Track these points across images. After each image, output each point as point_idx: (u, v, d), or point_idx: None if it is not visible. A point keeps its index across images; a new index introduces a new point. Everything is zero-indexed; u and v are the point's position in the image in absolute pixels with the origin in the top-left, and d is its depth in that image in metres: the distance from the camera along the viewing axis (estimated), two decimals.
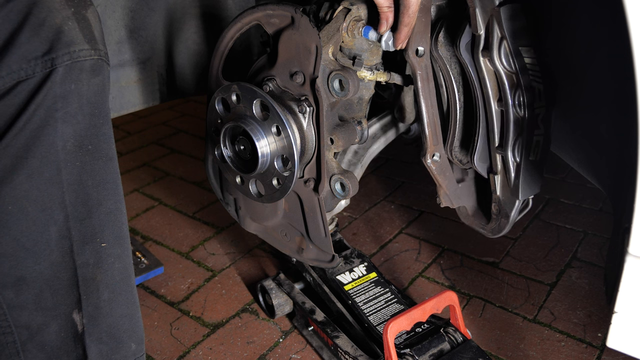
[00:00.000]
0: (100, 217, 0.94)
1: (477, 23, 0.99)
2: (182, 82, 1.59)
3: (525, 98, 1.02)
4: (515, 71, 1.01)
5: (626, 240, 0.76)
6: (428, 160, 1.12)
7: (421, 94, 1.06)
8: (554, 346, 1.43)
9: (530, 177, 1.10)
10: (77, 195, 0.91)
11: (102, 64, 0.91)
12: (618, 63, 0.79)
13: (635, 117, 0.70)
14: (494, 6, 0.97)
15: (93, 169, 0.92)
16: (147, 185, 2.34)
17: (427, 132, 1.09)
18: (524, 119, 1.04)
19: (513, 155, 1.08)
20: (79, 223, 0.92)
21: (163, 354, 1.46)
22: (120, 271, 0.99)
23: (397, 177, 2.31)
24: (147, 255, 1.80)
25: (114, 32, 1.41)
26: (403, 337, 1.28)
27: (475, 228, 1.29)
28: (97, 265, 0.95)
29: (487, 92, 1.05)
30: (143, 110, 1.56)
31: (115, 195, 0.96)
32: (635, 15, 0.64)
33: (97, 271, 0.95)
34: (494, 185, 1.14)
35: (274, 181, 1.13)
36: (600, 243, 1.83)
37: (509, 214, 1.16)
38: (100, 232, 0.94)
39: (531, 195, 1.13)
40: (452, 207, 1.25)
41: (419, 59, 1.04)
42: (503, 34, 0.98)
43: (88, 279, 0.94)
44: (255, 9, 1.12)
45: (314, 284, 1.52)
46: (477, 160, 1.13)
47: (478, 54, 1.02)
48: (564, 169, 2.26)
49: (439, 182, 1.17)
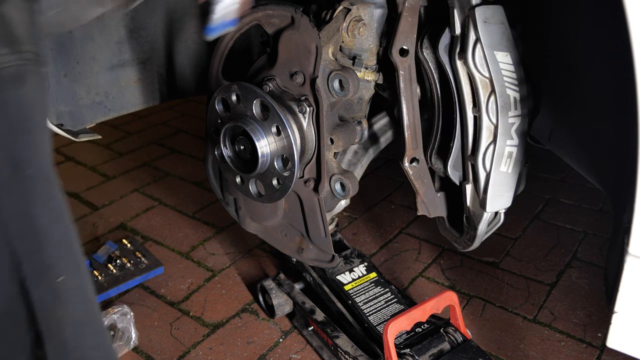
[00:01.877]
0: (52, 249, 0.84)
1: (454, 23, 0.96)
2: (182, 82, 1.59)
3: (497, 105, 0.98)
4: (489, 76, 0.97)
5: (626, 240, 0.76)
6: (405, 164, 1.09)
7: (402, 95, 1.04)
8: (554, 346, 1.43)
9: (499, 189, 1.05)
10: (23, 228, 0.80)
11: (27, 69, 0.78)
12: (618, 63, 0.79)
13: (635, 117, 0.70)
14: (471, 6, 0.93)
15: (36, 196, 0.80)
16: (147, 185, 2.34)
17: (406, 135, 1.06)
18: (496, 127, 1.00)
19: (483, 163, 1.03)
20: (28, 257, 0.81)
21: (163, 354, 1.46)
22: (82, 302, 0.89)
23: (397, 177, 2.31)
24: (147, 255, 1.80)
25: (114, 32, 1.40)
26: (403, 337, 1.28)
27: (450, 240, 1.26)
28: (56, 301, 0.85)
29: (462, 97, 1.02)
30: (143, 110, 1.56)
31: (64, 220, 0.86)
32: (635, 15, 0.64)
33: (57, 307, 0.85)
34: (465, 195, 1.11)
35: (274, 181, 1.13)
36: (600, 243, 1.83)
37: (476, 226, 1.12)
38: (55, 265, 0.84)
39: (500, 208, 1.08)
40: (429, 217, 1.20)
41: (403, 59, 1.02)
42: (477, 36, 0.94)
43: (47, 316, 0.84)
44: (255, 9, 1.12)
45: (314, 284, 1.52)
46: (451, 168, 1.10)
47: (454, 56, 0.99)
48: (564, 169, 2.26)
49: (417, 188, 1.13)
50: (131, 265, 1.75)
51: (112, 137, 2.80)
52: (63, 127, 1.37)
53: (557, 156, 1.21)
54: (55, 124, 1.35)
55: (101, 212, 2.13)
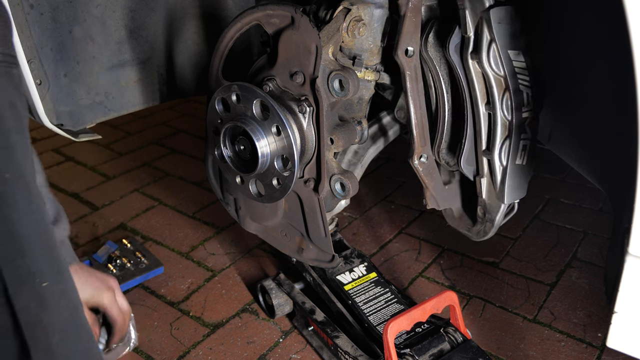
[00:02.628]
0: (34, 255, 0.81)
1: (467, 25, 0.99)
2: (182, 82, 1.59)
3: (513, 102, 1.02)
4: (504, 75, 1.00)
5: (626, 240, 0.76)
6: (415, 161, 1.12)
7: (410, 94, 1.06)
8: (554, 346, 1.43)
9: (516, 181, 1.10)
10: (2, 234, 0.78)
11: None
12: (618, 62, 0.79)
13: (635, 117, 0.70)
14: (484, 8, 0.96)
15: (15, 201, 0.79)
16: (147, 185, 2.34)
17: (415, 133, 1.09)
18: (511, 123, 1.04)
19: (499, 158, 1.07)
20: (10, 264, 0.79)
21: (163, 354, 1.46)
22: (67, 307, 0.88)
23: (397, 177, 2.31)
24: (147, 255, 1.80)
25: (114, 32, 1.41)
26: (403, 337, 1.28)
27: (460, 230, 1.29)
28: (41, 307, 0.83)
29: (475, 95, 1.05)
30: (143, 110, 1.56)
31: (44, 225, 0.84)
32: (635, 15, 0.64)
33: (43, 314, 0.83)
34: (480, 188, 1.14)
35: (274, 181, 1.13)
36: (600, 243, 1.83)
37: (494, 217, 1.16)
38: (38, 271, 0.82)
39: (517, 199, 1.13)
40: (438, 209, 1.24)
41: (408, 59, 1.04)
42: (492, 37, 0.97)
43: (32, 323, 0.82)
44: (255, 9, 1.12)
45: (314, 284, 1.52)
46: (464, 163, 1.13)
47: (467, 56, 1.01)
48: (564, 169, 2.26)
49: (426, 183, 1.16)
50: (131, 265, 1.75)
51: (112, 137, 2.80)
52: (63, 127, 1.37)
53: (557, 156, 1.21)
54: (55, 124, 1.35)
55: (101, 212, 2.13)
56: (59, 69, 1.33)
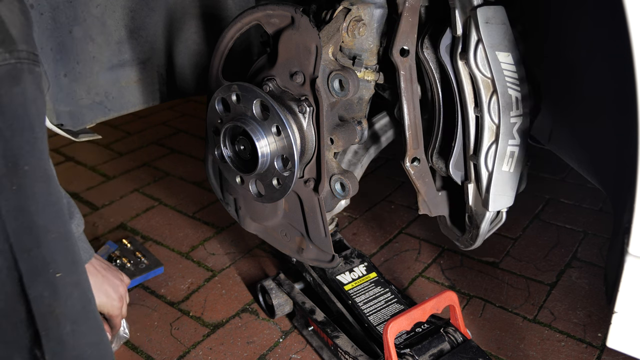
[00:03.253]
0: (50, 245, 0.84)
1: (456, 24, 0.97)
2: (182, 82, 1.59)
3: (499, 105, 0.99)
4: (491, 77, 0.98)
5: (626, 240, 0.76)
6: (407, 164, 1.10)
7: (403, 95, 1.04)
8: (554, 346, 1.43)
9: (502, 189, 1.06)
10: (20, 224, 0.80)
11: (23, 68, 0.79)
12: (618, 63, 0.79)
13: (635, 117, 0.70)
14: (472, 7, 0.94)
15: (34, 193, 0.81)
16: (147, 185, 2.34)
17: (408, 135, 1.07)
18: (498, 127, 1.01)
19: (485, 163, 1.04)
20: (26, 254, 0.82)
21: (163, 354, 1.46)
22: (80, 299, 0.90)
23: (397, 177, 2.31)
24: (147, 255, 1.80)
25: (114, 32, 1.41)
26: (403, 337, 1.28)
27: (451, 239, 1.27)
28: (54, 297, 0.85)
29: (464, 97, 1.02)
30: (143, 110, 1.56)
31: (61, 217, 0.86)
32: (635, 15, 0.64)
33: (55, 304, 0.85)
34: (467, 194, 1.12)
35: (274, 181, 1.13)
36: (600, 243, 1.83)
37: (479, 225, 1.13)
38: (52, 262, 0.84)
39: (502, 207, 1.09)
40: (430, 216, 1.21)
41: (403, 59, 1.03)
42: (479, 37, 0.95)
43: (45, 313, 0.84)
44: (255, 9, 1.12)
45: (314, 284, 1.52)
46: (453, 167, 1.10)
47: (456, 56, 1.00)
48: (564, 169, 2.26)
49: (418, 187, 1.14)
50: (131, 265, 1.75)
51: (112, 137, 2.80)
52: (63, 127, 1.37)
53: (557, 156, 1.21)
54: (55, 124, 1.35)
55: (101, 212, 2.13)
56: (59, 69, 1.33)
